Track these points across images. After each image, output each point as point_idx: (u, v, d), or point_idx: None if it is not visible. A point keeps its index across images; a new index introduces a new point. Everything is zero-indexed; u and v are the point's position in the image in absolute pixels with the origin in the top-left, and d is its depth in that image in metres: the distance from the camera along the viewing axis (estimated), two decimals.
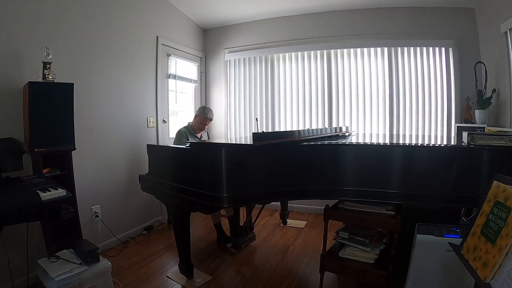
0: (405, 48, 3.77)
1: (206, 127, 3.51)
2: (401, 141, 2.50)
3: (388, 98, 3.87)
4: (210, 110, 3.45)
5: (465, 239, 1.15)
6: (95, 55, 2.90)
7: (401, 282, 1.86)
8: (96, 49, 2.90)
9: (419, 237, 1.69)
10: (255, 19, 4.39)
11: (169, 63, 3.97)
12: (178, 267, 2.51)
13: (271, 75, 4.42)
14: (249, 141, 2.39)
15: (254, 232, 3.25)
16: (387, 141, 2.50)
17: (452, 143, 2.31)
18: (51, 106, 2.18)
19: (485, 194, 1.13)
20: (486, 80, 3.20)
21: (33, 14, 2.36)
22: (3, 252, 2.09)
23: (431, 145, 2.11)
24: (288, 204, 3.84)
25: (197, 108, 3.54)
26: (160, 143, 3.73)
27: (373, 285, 2.14)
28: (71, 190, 2.13)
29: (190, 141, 3.14)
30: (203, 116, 3.39)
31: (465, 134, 1.90)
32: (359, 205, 2.08)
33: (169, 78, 3.99)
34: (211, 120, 3.50)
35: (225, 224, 3.29)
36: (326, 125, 4.13)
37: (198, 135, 3.45)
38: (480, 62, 3.26)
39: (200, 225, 3.75)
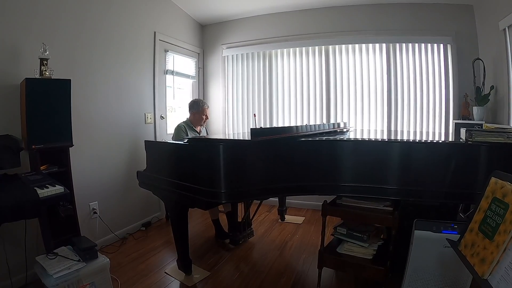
0: (403, 45, 3.76)
1: (207, 117, 3.49)
2: (399, 137, 2.50)
3: (386, 94, 3.87)
4: (201, 101, 3.45)
5: (462, 235, 1.16)
6: (92, 51, 2.88)
7: (398, 277, 1.87)
8: (93, 45, 2.88)
9: (417, 233, 1.70)
10: (253, 14, 4.36)
11: (166, 59, 3.95)
12: (176, 263, 2.51)
13: (269, 71, 4.40)
14: (247, 137, 2.39)
15: (252, 228, 3.26)
16: (385, 137, 2.51)
17: (450, 140, 2.31)
18: (48, 103, 2.16)
19: (483, 191, 1.13)
20: (484, 77, 3.20)
21: (30, 10, 2.34)
22: (1, 249, 2.09)
23: (429, 141, 2.11)
24: (286, 200, 3.85)
25: (189, 106, 3.43)
26: (158, 139, 3.72)
27: (371, 280, 2.16)
28: (69, 186, 2.12)
29: (188, 136, 3.14)
30: (201, 108, 3.37)
31: (463, 131, 1.91)
32: (357, 201, 2.09)
33: (166, 74, 3.97)
34: (208, 107, 3.53)
35: (223, 220, 3.30)
36: (324, 121, 4.13)
37: (198, 129, 3.43)
38: (478, 59, 3.25)
39: (198, 221, 3.75)
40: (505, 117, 2.92)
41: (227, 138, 2.70)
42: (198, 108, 3.37)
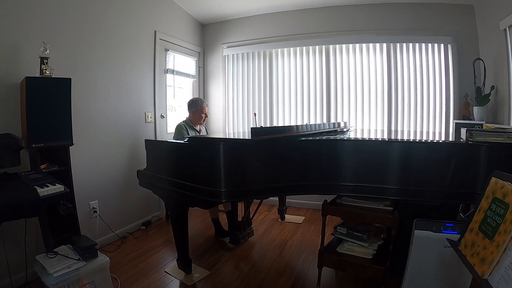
0: (404, 44, 3.76)
1: (206, 115, 3.50)
2: (399, 137, 2.50)
3: (387, 94, 3.87)
4: (199, 99, 3.45)
5: (463, 235, 1.16)
6: (93, 50, 2.87)
7: (398, 277, 1.87)
8: (93, 44, 2.88)
9: (417, 232, 1.70)
10: (254, 14, 4.36)
11: (167, 58, 3.95)
12: (176, 262, 2.51)
13: (270, 70, 4.40)
14: (248, 136, 2.39)
15: (252, 227, 3.26)
16: (386, 137, 2.51)
17: (451, 140, 2.31)
18: (48, 101, 2.16)
19: (483, 191, 1.13)
20: (484, 77, 3.20)
21: (30, 9, 2.33)
22: (1, 248, 2.09)
23: (429, 141, 2.11)
24: (286, 200, 3.85)
25: (188, 105, 3.44)
26: (158, 138, 3.72)
27: (371, 280, 2.16)
28: (69, 185, 2.12)
29: (189, 135, 3.13)
30: (200, 107, 3.37)
31: (463, 131, 1.90)
32: (357, 201, 2.09)
33: (167, 73, 3.96)
34: (207, 105, 3.54)
35: (223, 219, 3.30)
36: (325, 121, 4.12)
37: (197, 128, 3.44)
38: (479, 59, 3.25)
39: (198, 220, 3.76)
40: (506, 117, 2.92)
41: (227, 137, 2.70)
42: (197, 107, 3.37)
